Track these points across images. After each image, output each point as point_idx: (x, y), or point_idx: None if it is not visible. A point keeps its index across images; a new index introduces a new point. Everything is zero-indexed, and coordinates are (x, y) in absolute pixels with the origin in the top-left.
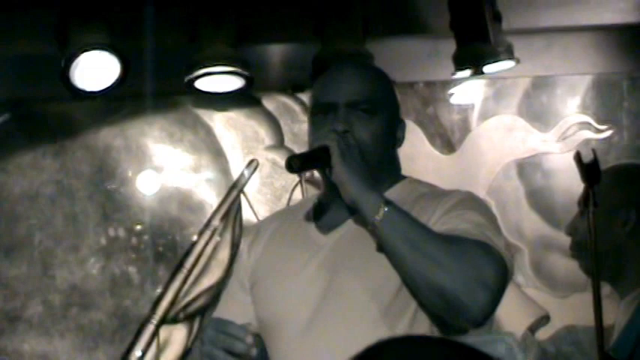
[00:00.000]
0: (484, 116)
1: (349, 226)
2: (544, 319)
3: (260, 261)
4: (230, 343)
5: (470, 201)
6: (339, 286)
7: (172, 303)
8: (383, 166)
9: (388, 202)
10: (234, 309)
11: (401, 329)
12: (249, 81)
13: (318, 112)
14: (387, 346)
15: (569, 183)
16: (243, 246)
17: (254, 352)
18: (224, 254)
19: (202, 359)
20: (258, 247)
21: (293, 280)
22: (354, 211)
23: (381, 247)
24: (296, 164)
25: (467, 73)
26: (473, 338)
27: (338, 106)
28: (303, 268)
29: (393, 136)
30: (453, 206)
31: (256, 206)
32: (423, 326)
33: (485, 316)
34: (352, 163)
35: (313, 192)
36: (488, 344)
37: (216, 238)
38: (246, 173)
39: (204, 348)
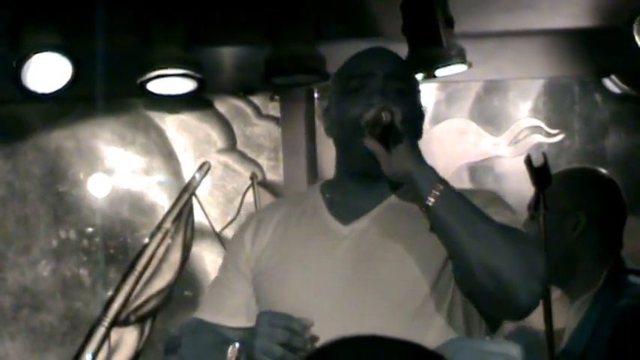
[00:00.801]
0: (436, 120)
1: (372, 217)
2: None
3: (267, 251)
4: (288, 337)
5: (501, 200)
6: (371, 277)
7: (123, 305)
8: None
9: (443, 181)
10: (234, 301)
11: (438, 323)
12: (202, 83)
13: (353, 82)
14: (340, 345)
15: (520, 187)
16: (244, 236)
17: (311, 346)
18: (175, 257)
19: (256, 354)
20: (264, 236)
21: (313, 271)
22: (377, 202)
23: (432, 227)
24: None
25: (419, 76)
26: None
27: (376, 76)
28: (325, 258)
29: (418, 125)
30: (489, 203)
31: (208, 209)
32: (459, 321)
33: (533, 308)
34: (412, 137)
35: (265, 195)
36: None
37: (168, 240)
38: (198, 176)
39: (259, 342)
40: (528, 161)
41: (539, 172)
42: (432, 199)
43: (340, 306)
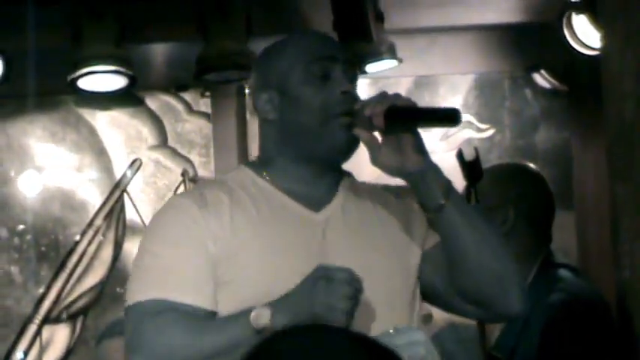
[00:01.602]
0: None
1: (339, 204)
2: (427, 318)
3: (236, 236)
4: (353, 290)
5: None
6: (365, 265)
7: (55, 302)
8: None
9: (449, 181)
10: (203, 280)
11: (415, 314)
12: (132, 80)
13: (314, 67)
14: (286, 334)
15: (452, 182)
16: (198, 212)
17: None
18: (107, 253)
19: (319, 312)
20: (222, 219)
21: (292, 258)
22: (332, 190)
23: (432, 225)
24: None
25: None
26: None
27: (339, 61)
28: (304, 246)
29: None
30: None
31: (139, 206)
32: (415, 313)
33: (523, 311)
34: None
35: None
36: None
37: (99, 237)
38: (129, 173)
39: (320, 299)
40: (460, 156)
41: (470, 167)
42: (444, 200)
43: None
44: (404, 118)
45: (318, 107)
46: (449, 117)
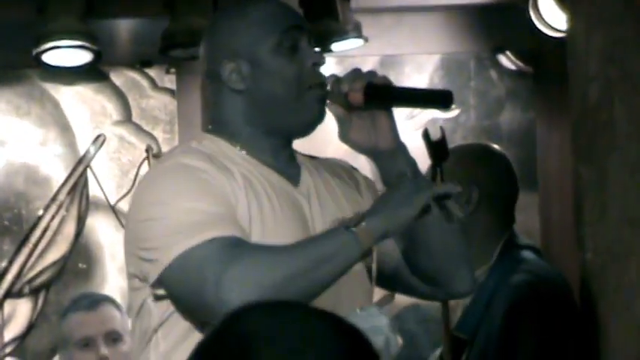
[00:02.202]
0: None
1: (306, 177)
2: (388, 297)
3: (242, 202)
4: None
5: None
6: None
7: (17, 277)
8: None
9: (416, 164)
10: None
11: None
12: (98, 55)
13: (281, 38)
14: (250, 315)
15: (418, 161)
16: (214, 170)
17: None
18: (70, 229)
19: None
20: (233, 182)
21: (294, 231)
22: (292, 161)
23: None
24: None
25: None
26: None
27: (303, 30)
28: (301, 220)
29: None
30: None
31: (103, 181)
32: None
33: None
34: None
35: None
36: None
37: (62, 212)
38: (93, 148)
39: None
40: (426, 135)
41: (436, 146)
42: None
43: None
44: (387, 97)
45: (292, 79)
46: (442, 99)
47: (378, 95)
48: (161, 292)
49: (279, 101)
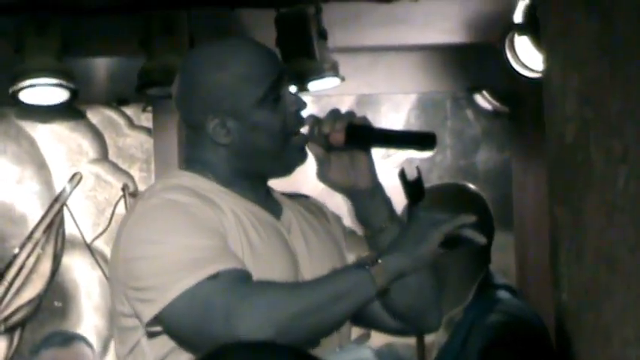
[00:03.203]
0: None
1: (287, 211)
2: (364, 336)
3: (228, 233)
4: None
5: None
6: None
7: None
8: None
9: (391, 203)
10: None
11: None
12: (74, 93)
13: (265, 89)
14: (231, 350)
15: (394, 201)
16: (201, 205)
17: None
18: (46, 267)
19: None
20: (221, 215)
21: (279, 263)
22: (270, 197)
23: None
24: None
25: (292, 89)
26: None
27: (284, 79)
28: (284, 250)
29: None
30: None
31: (79, 219)
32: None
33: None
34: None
35: None
36: None
37: (38, 250)
38: (69, 186)
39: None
40: (402, 175)
41: (412, 186)
42: (388, 221)
43: None
44: (369, 138)
45: (277, 130)
46: (424, 141)
47: (360, 136)
48: (157, 328)
49: (264, 152)
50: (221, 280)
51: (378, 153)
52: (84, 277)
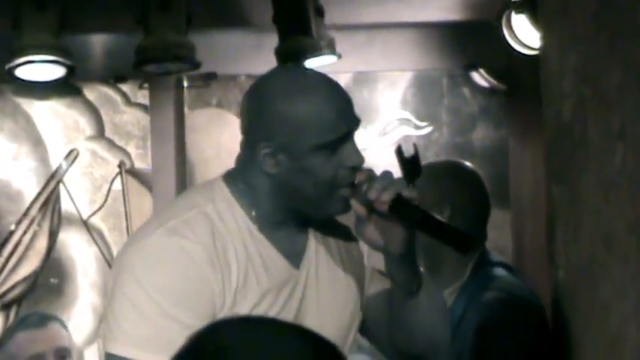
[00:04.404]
0: None
1: (310, 256)
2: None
3: (229, 290)
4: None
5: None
6: (334, 319)
7: None
8: None
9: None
10: None
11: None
12: (71, 70)
13: (328, 139)
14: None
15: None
16: (208, 268)
17: None
18: (42, 244)
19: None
20: (230, 275)
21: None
22: (305, 241)
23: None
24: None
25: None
26: None
27: (351, 134)
28: (287, 303)
29: None
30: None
31: (75, 196)
32: None
33: None
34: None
35: (133, 183)
36: None
37: (35, 227)
38: (65, 163)
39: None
40: (399, 152)
41: (409, 163)
42: (416, 287)
43: None
44: (411, 218)
45: (326, 180)
46: (461, 244)
47: (403, 214)
48: None
49: (305, 197)
50: None
51: (374, 130)
52: (80, 253)
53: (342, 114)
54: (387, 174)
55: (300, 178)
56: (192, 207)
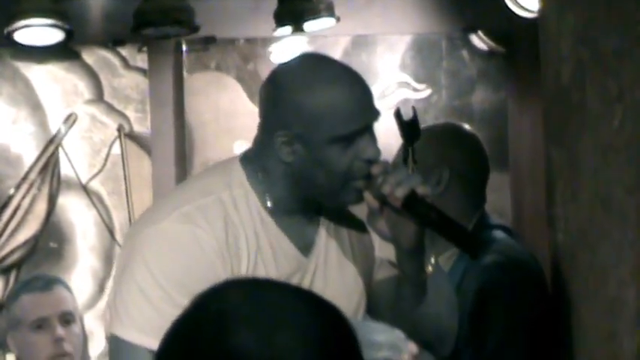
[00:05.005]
0: None
1: (320, 246)
2: None
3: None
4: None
5: None
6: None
7: None
8: None
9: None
10: None
11: None
12: (69, 34)
13: (344, 131)
14: (233, 284)
15: (388, 141)
16: (217, 258)
17: None
18: (41, 208)
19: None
20: (240, 262)
21: None
22: (316, 229)
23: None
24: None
25: (287, 30)
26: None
27: (370, 128)
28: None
29: None
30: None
31: (74, 160)
32: None
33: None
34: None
35: (132, 147)
36: None
37: (34, 191)
38: (64, 127)
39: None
40: (398, 115)
41: (408, 126)
42: (423, 278)
43: None
44: (423, 216)
45: (340, 172)
46: (470, 246)
47: (415, 211)
48: None
49: (320, 187)
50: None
51: (373, 93)
52: (79, 217)
53: (360, 107)
54: (402, 169)
55: (314, 169)
56: (208, 193)
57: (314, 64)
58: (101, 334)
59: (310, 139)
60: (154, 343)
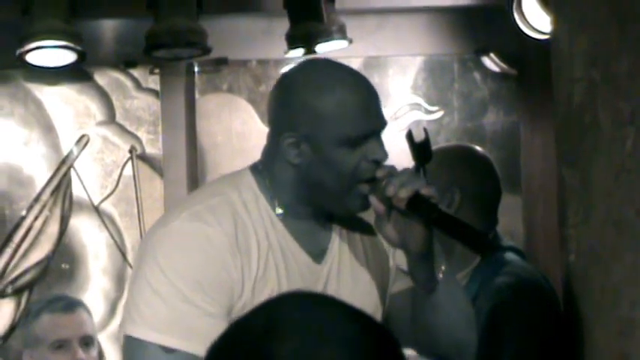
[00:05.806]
0: None
1: (333, 252)
2: None
3: (257, 285)
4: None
5: None
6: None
7: (0, 277)
8: None
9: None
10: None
11: None
12: (82, 56)
13: (353, 135)
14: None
15: (401, 163)
16: (229, 257)
17: None
18: (53, 229)
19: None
20: (250, 266)
21: None
22: (329, 236)
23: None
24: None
25: (300, 52)
26: None
27: (378, 132)
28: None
29: None
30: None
31: (86, 181)
32: None
33: None
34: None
35: (144, 168)
36: None
37: (46, 212)
38: (76, 149)
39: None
40: (409, 136)
41: (420, 148)
42: (434, 284)
43: None
44: (428, 216)
45: (347, 173)
46: (477, 245)
47: (420, 212)
48: None
49: (326, 189)
50: (167, 357)
51: (386, 115)
52: (91, 239)
53: (366, 111)
54: (406, 171)
55: (322, 170)
56: (217, 194)
57: (322, 66)
58: (114, 355)
59: (316, 140)
60: (165, 339)
